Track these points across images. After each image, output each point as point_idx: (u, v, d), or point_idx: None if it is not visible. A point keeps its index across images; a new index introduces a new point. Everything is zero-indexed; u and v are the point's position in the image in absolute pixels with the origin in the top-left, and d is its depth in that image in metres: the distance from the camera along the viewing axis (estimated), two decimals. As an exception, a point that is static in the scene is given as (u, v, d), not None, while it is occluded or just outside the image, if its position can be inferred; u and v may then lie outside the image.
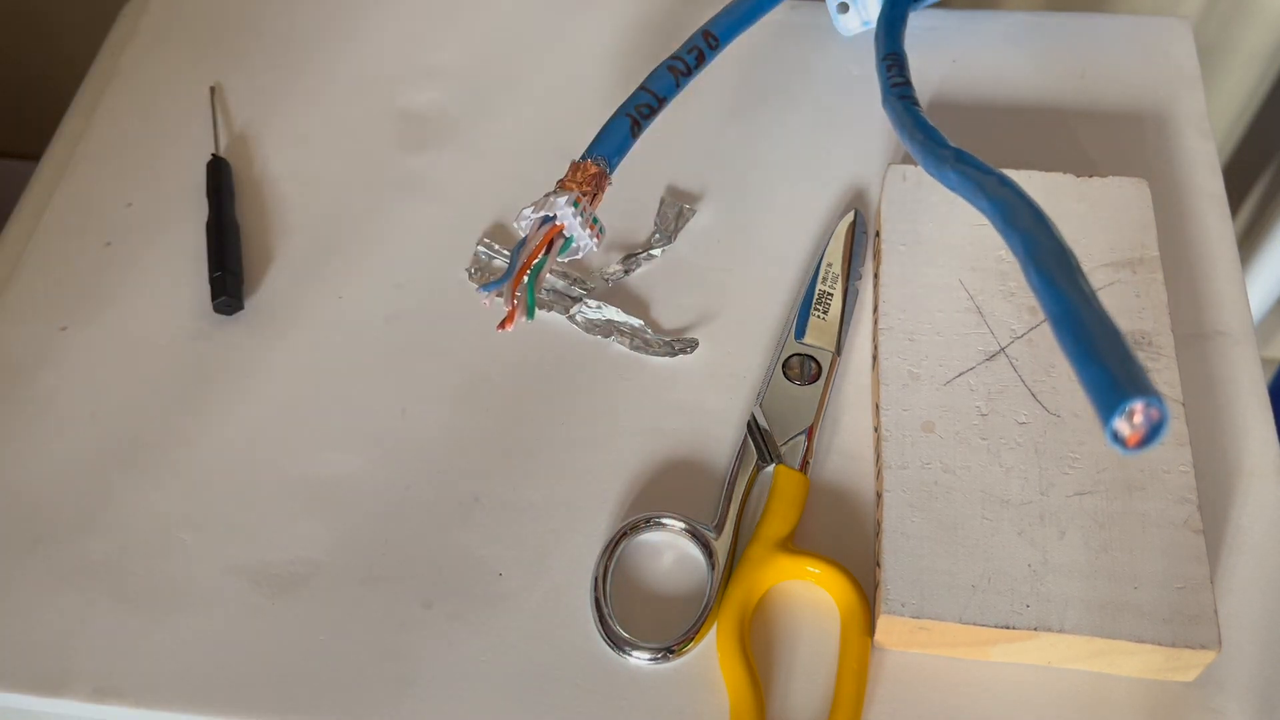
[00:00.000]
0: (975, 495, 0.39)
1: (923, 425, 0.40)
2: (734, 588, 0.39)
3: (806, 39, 0.56)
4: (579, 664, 0.38)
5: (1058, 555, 0.37)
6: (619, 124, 0.43)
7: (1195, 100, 0.53)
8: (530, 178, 0.49)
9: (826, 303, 0.46)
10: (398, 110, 0.54)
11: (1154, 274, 0.44)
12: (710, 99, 0.53)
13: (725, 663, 0.37)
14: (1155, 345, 0.42)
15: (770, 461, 0.42)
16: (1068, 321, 0.31)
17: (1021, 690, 0.37)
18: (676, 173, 0.51)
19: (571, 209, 0.39)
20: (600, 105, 0.44)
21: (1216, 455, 0.42)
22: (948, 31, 0.56)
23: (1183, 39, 0.55)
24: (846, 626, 0.38)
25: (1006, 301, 0.43)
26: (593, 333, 0.46)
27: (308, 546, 0.41)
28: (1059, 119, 0.52)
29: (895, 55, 0.48)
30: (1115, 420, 0.28)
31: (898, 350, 0.42)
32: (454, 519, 0.42)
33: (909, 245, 0.45)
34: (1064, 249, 0.34)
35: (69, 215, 0.51)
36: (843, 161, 0.51)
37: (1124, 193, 0.46)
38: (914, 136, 0.43)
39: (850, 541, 0.40)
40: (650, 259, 0.48)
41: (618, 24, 0.57)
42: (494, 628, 0.39)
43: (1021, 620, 0.36)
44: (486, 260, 0.49)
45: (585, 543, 0.41)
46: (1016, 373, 0.41)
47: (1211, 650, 0.35)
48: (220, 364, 0.46)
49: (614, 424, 0.44)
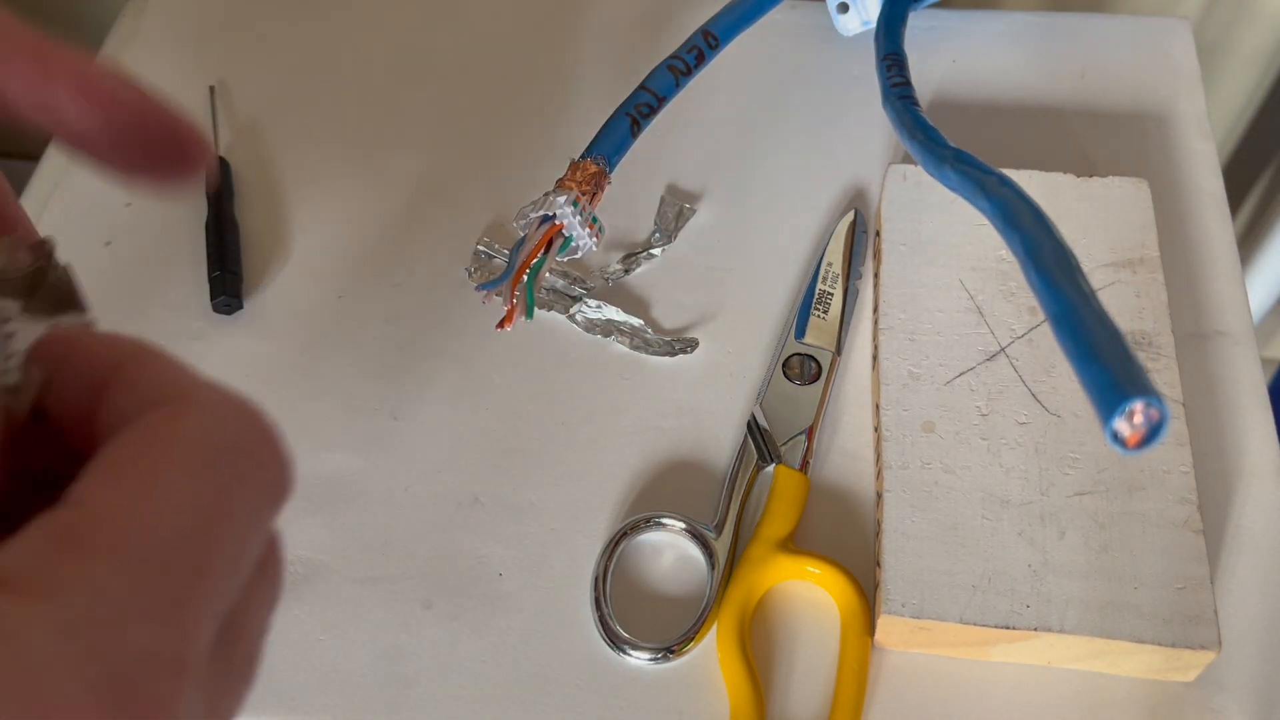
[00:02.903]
0: (975, 495, 0.39)
1: (923, 425, 0.40)
2: (734, 588, 0.39)
3: (806, 39, 0.56)
4: (579, 664, 0.38)
5: (1058, 555, 0.37)
6: (618, 123, 0.43)
7: (1195, 100, 0.53)
8: (530, 177, 0.49)
9: (827, 302, 0.46)
10: (398, 109, 0.54)
11: (1154, 274, 0.44)
12: (710, 98, 0.53)
13: (725, 663, 0.37)
14: (1155, 345, 0.42)
15: (770, 461, 0.41)
16: (1068, 321, 0.31)
17: (1021, 690, 0.37)
18: (676, 172, 0.51)
19: (571, 208, 0.39)
20: (600, 105, 0.44)
21: (1216, 455, 0.42)
22: (948, 31, 0.56)
23: (1183, 39, 0.55)
24: (846, 626, 0.38)
25: (1007, 301, 0.43)
26: (593, 332, 0.46)
27: (307, 546, 0.41)
28: (1059, 119, 0.52)
29: (895, 55, 0.48)
30: (1115, 420, 0.28)
31: (898, 350, 0.42)
32: (454, 519, 0.42)
33: (909, 245, 0.45)
34: (1064, 249, 0.34)
35: (69, 215, 0.51)
36: (843, 161, 0.51)
37: (1124, 193, 0.46)
38: (914, 136, 0.43)
39: (850, 541, 0.40)
40: (650, 258, 0.48)
41: (618, 24, 0.57)
42: (494, 628, 0.39)
43: (1021, 620, 0.36)
44: (486, 259, 0.49)
45: (585, 543, 0.41)
46: (1017, 373, 0.41)
47: (1211, 650, 0.35)
48: (220, 364, 0.46)
49: (614, 424, 0.44)
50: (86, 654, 0.16)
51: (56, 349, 0.20)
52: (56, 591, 0.16)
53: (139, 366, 0.20)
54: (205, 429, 0.19)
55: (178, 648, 0.17)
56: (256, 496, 0.19)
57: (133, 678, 0.17)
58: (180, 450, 0.18)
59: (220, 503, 0.18)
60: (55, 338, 0.21)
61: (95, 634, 0.16)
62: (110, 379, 0.20)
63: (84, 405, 0.20)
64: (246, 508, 0.19)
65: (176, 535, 0.18)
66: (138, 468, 0.18)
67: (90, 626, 0.16)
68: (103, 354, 0.20)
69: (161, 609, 0.17)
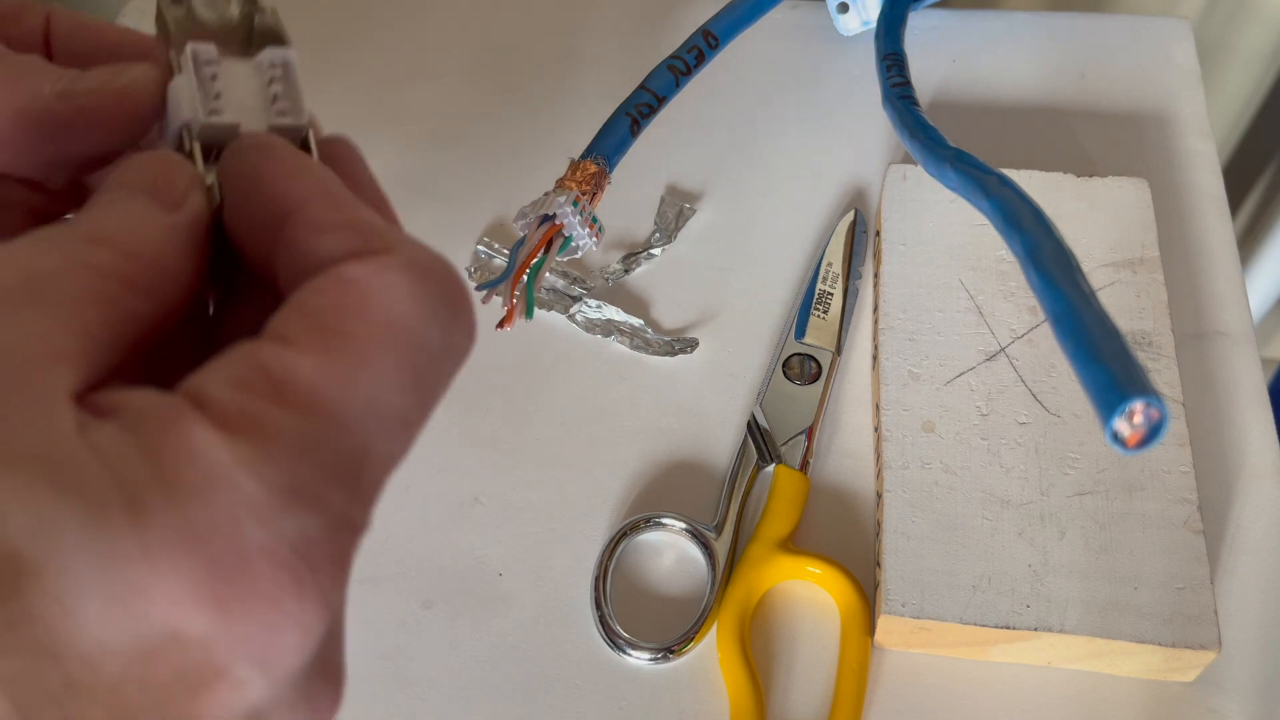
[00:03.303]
0: (975, 495, 0.39)
1: (923, 425, 0.40)
2: (734, 588, 0.39)
3: (807, 39, 0.56)
4: (579, 664, 0.38)
5: (1058, 555, 0.37)
6: (618, 123, 0.43)
7: (1195, 100, 0.53)
8: (529, 177, 0.49)
9: (827, 302, 0.46)
10: (397, 109, 0.54)
11: (1154, 274, 0.43)
12: (710, 98, 0.53)
13: (725, 663, 0.37)
14: (1155, 345, 0.42)
15: (770, 461, 0.41)
16: (1068, 321, 0.31)
17: (1021, 690, 0.37)
18: (676, 172, 0.51)
19: (571, 208, 0.39)
20: (600, 104, 0.44)
21: (1216, 456, 0.42)
22: (948, 31, 0.56)
23: (1183, 39, 0.55)
24: (846, 626, 0.38)
25: (1007, 301, 0.43)
26: (593, 332, 0.46)
27: (307, 546, 0.41)
28: (1059, 119, 0.52)
29: (895, 55, 0.48)
30: (1115, 420, 0.28)
31: (898, 350, 0.42)
32: (454, 519, 0.42)
33: (909, 245, 0.45)
34: (1064, 249, 0.34)
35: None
36: (843, 161, 0.51)
37: (1124, 193, 0.46)
38: (914, 136, 0.43)
39: (850, 541, 0.40)
40: (650, 258, 0.48)
41: (618, 24, 0.57)
42: (494, 628, 0.39)
43: (1022, 621, 0.36)
44: (486, 259, 0.49)
45: (585, 543, 0.41)
46: (1017, 373, 0.41)
47: (1211, 651, 0.35)
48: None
49: (614, 424, 0.44)
50: (287, 511, 0.16)
51: (250, 158, 0.20)
52: (270, 442, 0.16)
53: (334, 202, 0.20)
54: (415, 294, 0.18)
55: (364, 516, 0.18)
56: (451, 370, 0.20)
57: (323, 541, 0.17)
58: (393, 318, 0.18)
59: (422, 383, 0.19)
60: (249, 145, 0.21)
61: (300, 494, 0.16)
62: (306, 203, 0.19)
63: (266, 223, 0.20)
64: (443, 384, 0.19)
65: (385, 412, 0.18)
66: (348, 327, 0.18)
67: (296, 486, 0.16)
68: (296, 170, 0.20)
69: (356, 479, 0.17)
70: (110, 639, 0.15)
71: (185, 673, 0.16)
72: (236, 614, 0.16)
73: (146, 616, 0.15)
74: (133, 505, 0.15)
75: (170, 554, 0.15)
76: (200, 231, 0.20)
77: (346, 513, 0.17)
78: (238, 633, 0.16)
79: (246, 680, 0.16)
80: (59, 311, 0.17)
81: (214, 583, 0.16)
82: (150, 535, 0.15)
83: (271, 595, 0.16)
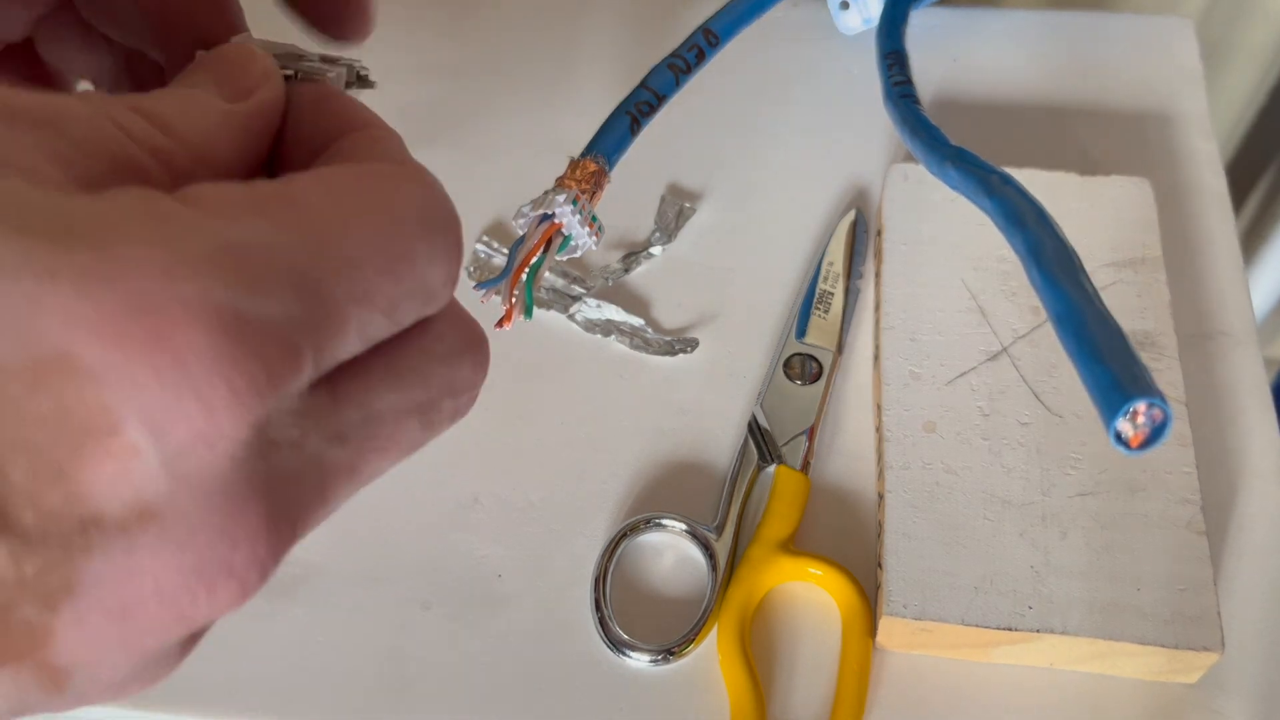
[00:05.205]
0: (977, 496, 0.38)
1: (924, 425, 0.40)
2: (735, 589, 0.38)
3: (807, 37, 0.56)
4: (579, 665, 0.38)
5: (1060, 556, 0.37)
6: (618, 122, 0.42)
7: (1198, 99, 0.52)
8: (529, 176, 0.49)
9: (828, 302, 0.46)
10: (396, 108, 0.54)
11: (1156, 274, 0.43)
12: (711, 97, 0.53)
13: (726, 664, 0.37)
14: (1158, 345, 0.42)
15: (771, 462, 0.41)
16: (1070, 321, 0.31)
17: (1023, 692, 0.37)
18: (676, 171, 0.51)
19: (570, 207, 0.39)
20: (600, 103, 0.44)
21: (1219, 456, 0.42)
22: (949, 30, 0.55)
23: (1185, 38, 0.55)
24: (848, 628, 0.38)
25: (1009, 301, 0.43)
26: (592, 332, 0.46)
27: (306, 547, 0.41)
28: (1061, 118, 0.52)
29: (897, 53, 0.47)
30: (1118, 421, 0.28)
31: (899, 350, 0.42)
32: (453, 519, 0.41)
33: (911, 244, 0.45)
34: (1067, 248, 0.33)
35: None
36: (844, 160, 0.51)
37: (1126, 192, 0.46)
38: (916, 135, 0.43)
39: (851, 543, 0.40)
40: (650, 258, 0.48)
41: (618, 22, 0.57)
42: (494, 628, 0.39)
43: (1023, 622, 0.36)
44: (485, 258, 0.48)
45: (585, 543, 0.41)
46: (1019, 373, 0.41)
47: (1214, 652, 0.35)
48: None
49: (614, 424, 0.44)
50: (223, 279, 0.16)
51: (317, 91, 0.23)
52: (233, 224, 0.16)
53: (371, 137, 0.22)
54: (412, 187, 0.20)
55: (313, 318, 0.17)
56: (430, 248, 0.20)
57: (255, 330, 0.16)
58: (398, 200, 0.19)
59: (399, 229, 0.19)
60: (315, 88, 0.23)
61: (246, 268, 0.16)
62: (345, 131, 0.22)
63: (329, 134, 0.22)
64: (422, 250, 0.19)
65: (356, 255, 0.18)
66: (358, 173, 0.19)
67: (244, 256, 0.16)
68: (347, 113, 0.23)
69: (310, 296, 0.17)
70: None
71: (69, 409, 0.15)
72: (135, 356, 0.15)
73: (35, 329, 0.14)
74: (61, 232, 0.15)
75: (83, 278, 0.14)
76: (261, 125, 0.21)
77: (289, 320, 0.16)
78: (133, 377, 0.15)
79: (138, 449, 0.15)
80: (54, 141, 0.17)
81: (118, 316, 0.15)
82: (65, 259, 0.14)
83: (180, 350, 0.15)
